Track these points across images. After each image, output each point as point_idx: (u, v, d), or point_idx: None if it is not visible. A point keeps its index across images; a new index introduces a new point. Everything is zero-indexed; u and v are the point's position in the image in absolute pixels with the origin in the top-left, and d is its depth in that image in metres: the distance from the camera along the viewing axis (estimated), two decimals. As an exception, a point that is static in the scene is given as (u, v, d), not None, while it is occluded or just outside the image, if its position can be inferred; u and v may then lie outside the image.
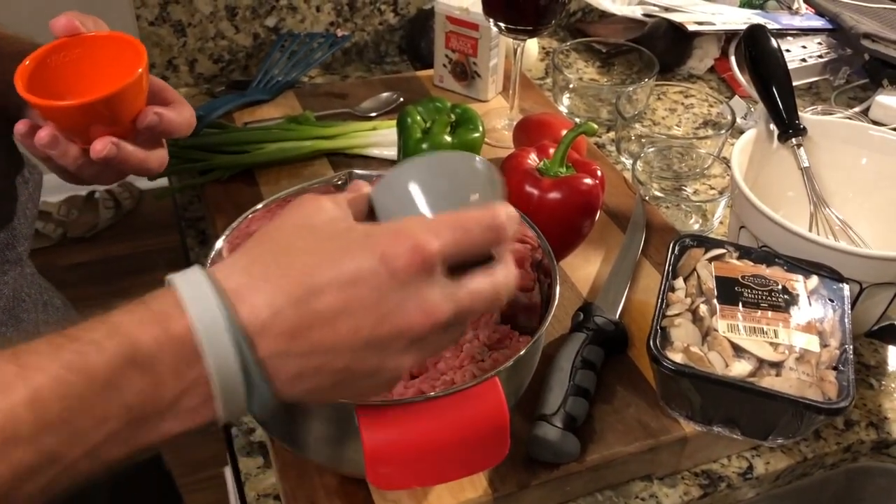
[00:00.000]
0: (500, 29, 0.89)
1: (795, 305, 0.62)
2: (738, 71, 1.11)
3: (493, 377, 0.47)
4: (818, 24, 1.19)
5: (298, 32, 1.11)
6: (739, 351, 0.59)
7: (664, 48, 1.12)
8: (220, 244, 0.55)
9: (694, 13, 1.16)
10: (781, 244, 0.68)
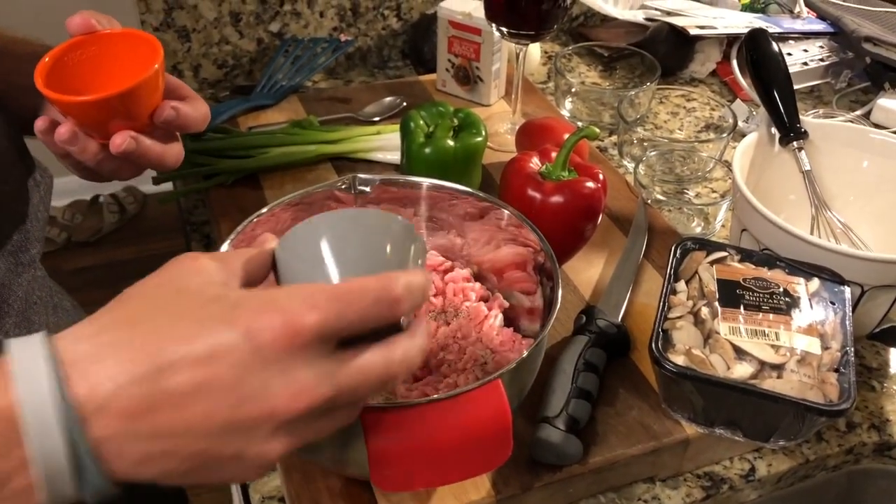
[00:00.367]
0: (502, 34, 0.90)
1: (797, 308, 0.62)
2: (739, 74, 1.12)
3: (495, 380, 0.47)
4: (819, 27, 1.19)
5: (302, 37, 1.12)
6: (741, 353, 0.59)
7: (666, 52, 1.13)
8: (224, 248, 0.56)
9: (696, 17, 1.16)
10: (783, 247, 0.68)
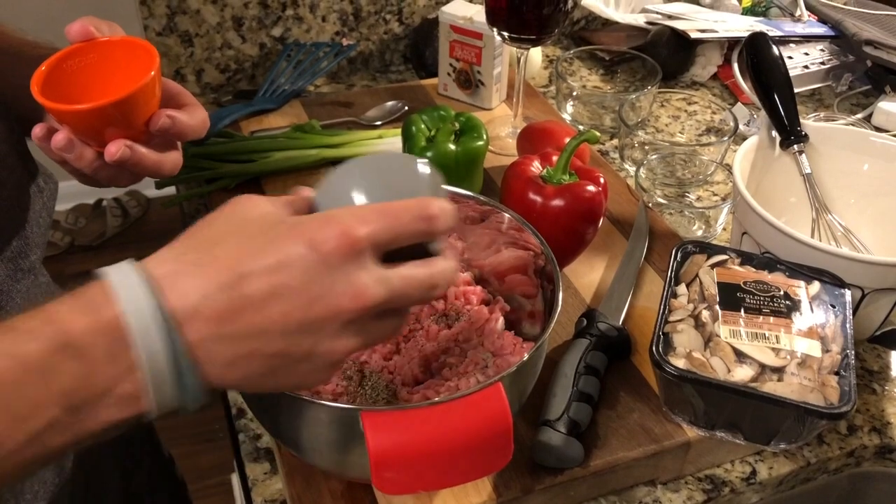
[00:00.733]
0: (503, 38, 0.90)
1: (797, 311, 0.62)
2: (740, 78, 1.12)
3: (496, 383, 0.47)
4: (820, 31, 1.19)
5: (304, 42, 1.12)
6: (741, 356, 0.59)
7: (667, 56, 1.13)
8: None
9: (697, 21, 1.17)
10: (784, 250, 0.68)
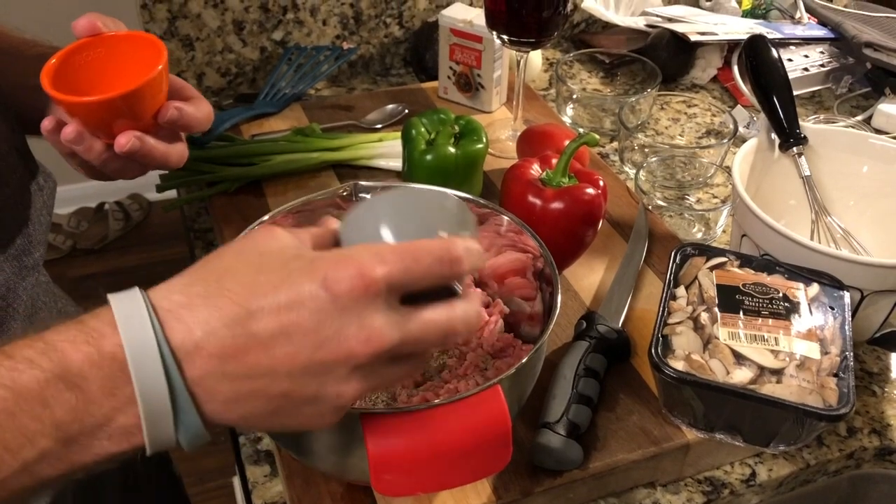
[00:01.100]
0: (503, 41, 0.90)
1: (796, 313, 0.62)
2: (740, 80, 1.12)
3: (495, 385, 0.48)
4: (820, 33, 1.19)
5: (305, 46, 1.13)
6: (740, 358, 0.59)
7: (667, 58, 1.13)
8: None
9: (696, 23, 1.17)
10: (783, 252, 0.68)
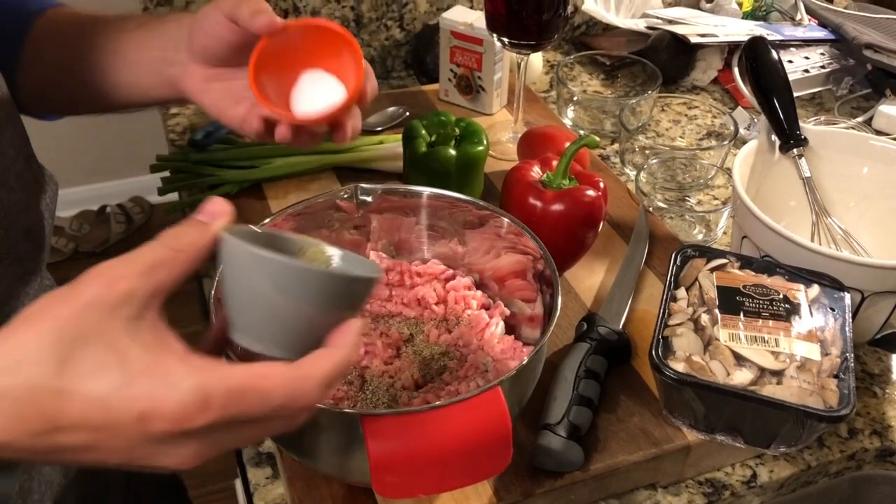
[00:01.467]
0: (503, 44, 0.90)
1: (796, 314, 0.62)
2: (741, 82, 1.12)
3: (495, 387, 0.48)
4: (821, 34, 1.19)
5: (306, 48, 1.13)
6: (741, 360, 0.59)
7: (667, 60, 1.13)
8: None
9: (697, 25, 1.17)
10: (783, 254, 0.69)
